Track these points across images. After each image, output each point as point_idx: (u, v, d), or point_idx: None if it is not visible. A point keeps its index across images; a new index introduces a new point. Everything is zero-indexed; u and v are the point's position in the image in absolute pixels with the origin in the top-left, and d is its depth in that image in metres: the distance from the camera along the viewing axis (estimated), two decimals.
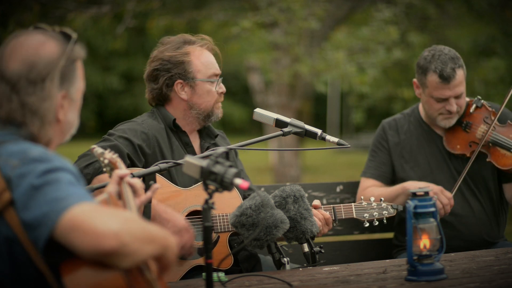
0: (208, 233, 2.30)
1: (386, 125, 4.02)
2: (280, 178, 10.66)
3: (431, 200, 2.62)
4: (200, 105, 3.37)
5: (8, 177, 1.89)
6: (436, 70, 3.72)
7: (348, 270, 2.83)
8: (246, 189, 2.19)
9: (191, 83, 3.36)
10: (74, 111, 2.10)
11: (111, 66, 24.20)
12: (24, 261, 1.90)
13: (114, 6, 9.75)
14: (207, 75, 3.37)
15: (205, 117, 3.39)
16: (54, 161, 1.91)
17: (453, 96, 3.75)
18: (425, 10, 10.32)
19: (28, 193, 1.86)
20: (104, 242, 1.79)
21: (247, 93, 20.25)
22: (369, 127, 24.53)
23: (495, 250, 3.23)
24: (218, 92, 3.40)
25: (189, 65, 3.36)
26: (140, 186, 2.48)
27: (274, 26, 9.60)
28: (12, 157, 1.92)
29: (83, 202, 1.84)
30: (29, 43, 2.02)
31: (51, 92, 2.01)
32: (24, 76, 1.99)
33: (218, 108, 3.41)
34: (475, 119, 3.85)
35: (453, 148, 3.85)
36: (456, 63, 3.73)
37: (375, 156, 3.99)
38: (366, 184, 3.97)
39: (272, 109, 9.87)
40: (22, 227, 1.87)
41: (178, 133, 3.38)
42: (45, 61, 2.00)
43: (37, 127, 2.01)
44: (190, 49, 3.39)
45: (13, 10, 9.47)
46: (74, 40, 2.07)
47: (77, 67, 2.09)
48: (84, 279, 1.88)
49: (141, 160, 3.20)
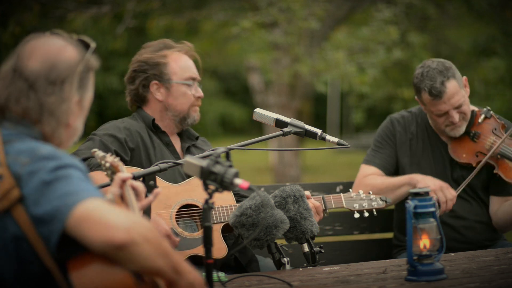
0: (208, 233, 2.30)
1: (395, 120, 3.97)
2: (280, 178, 10.66)
3: (431, 200, 2.62)
4: (176, 107, 3.44)
5: (18, 175, 1.92)
6: (425, 88, 3.69)
7: (348, 270, 2.83)
8: (246, 189, 2.20)
9: (166, 85, 3.44)
10: (81, 118, 2.14)
11: (111, 66, 24.20)
12: (30, 259, 1.92)
13: (114, 6, 9.76)
14: (183, 77, 3.44)
15: (181, 120, 3.46)
16: (64, 159, 1.94)
17: (452, 108, 3.71)
18: (425, 10, 10.32)
19: (40, 189, 1.89)
20: (115, 234, 1.82)
21: (247, 93, 20.26)
22: (369, 127, 24.53)
23: (495, 250, 3.23)
24: (195, 96, 3.46)
25: (165, 67, 3.43)
26: (143, 189, 2.49)
27: (274, 26, 9.61)
28: (22, 155, 1.94)
29: (95, 197, 1.87)
30: (50, 45, 2.06)
31: (70, 95, 2.05)
32: (44, 75, 2.02)
33: (195, 112, 3.48)
34: (484, 130, 3.81)
35: (459, 156, 3.81)
36: (445, 75, 3.68)
37: (381, 148, 3.94)
38: (367, 171, 3.90)
39: (272, 109, 9.87)
40: (31, 223, 1.89)
41: (158, 134, 3.44)
42: (65, 64, 2.04)
43: (52, 127, 2.04)
44: (168, 52, 3.47)
45: (13, 10, 9.48)
46: (92, 49, 2.12)
47: (91, 76, 2.14)
48: (92, 276, 1.89)
49: (127, 153, 3.27)
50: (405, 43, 9.89)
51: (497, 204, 3.84)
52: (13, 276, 1.93)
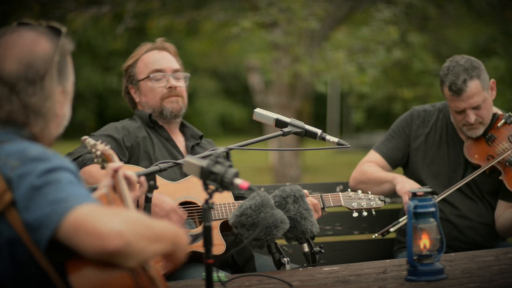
0: (208, 233, 2.30)
1: (415, 113, 3.98)
2: (280, 178, 10.66)
3: (431, 200, 2.62)
4: (148, 103, 3.49)
5: (9, 178, 1.88)
6: (447, 83, 3.69)
7: (348, 270, 2.83)
8: (246, 189, 2.19)
9: (137, 86, 3.52)
10: (68, 103, 2.09)
11: (111, 66, 24.18)
12: (27, 261, 1.90)
13: (114, 6, 9.76)
14: (147, 73, 3.48)
15: (159, 114, 3.48)
16: (54, 160, 1.89)
17: (469, 108, 3.70)
18: (425, 10, 10.33)
19: (29, 194, 1.84)
20: (108, 243, 1.78)
21: (247, 93, 20.25)
22: (369, 127, 24.54)
23: (495, 250, 3.23)
24: (166, 87, 3.47)
25: (133, 69, 3.52)
26: (135, 179, 2.47)
27: (274, 26, 9.61)
28: (11, 157, 1.90)
29: (85, 203, 1.83)
30: (21, 42, 1.99)
31: (52, 89, 2.00)
32: (22, 76, 1.96)
33: (169, 103, 3.47)
34: (500, 134, 3.79)
35: (471, 156, 3.80)
36: (470, 74, 3.66)
37: (393, 137, 3.96)
38: (371, 158, 3.94)
39: (272, 109, 9.87)
40: (24, 227, 1.86)
41: (156, 129, 3.46)
42: (41, 59, 1.98)
43: (41, 127, 2.00)
44: (138, 52, 3.54)
45: (13, 10, 9.48)
46: (64, 34, 2.04)
47: (68, 61, 2.07)
48: (90, 277, 1.87)
49: (125, 154, 3.29)
50: (405, 43, 9.89)
51: (503, 208, 3.82)
52: (10, 279, 1.91)
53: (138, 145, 3.34)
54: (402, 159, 3.94)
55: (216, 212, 3.20)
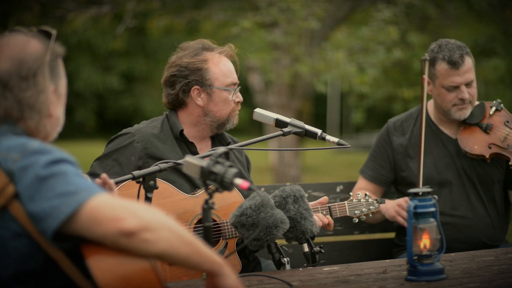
0: (208, 233, 2.30)
1: (391, 125, 4.00)
2: (280, 178, 10.65)
3: (431, 200, 2.62)
4: (216, 113, 3.37)
5: (10, 171, 1.92)
6: (445, 57, 3.73)
7: (348, 270, 2.83)
8: (246, 189, 2.20)
9: (208, 90, 3.36)
10: (61, 106, 2.14)
11: (111, 66, 24.19)
12: (31, 254, 1.93)
13: (114, 6, 9.77)
14: (225, 83, 3.37)
15: (219, 125, 3.39)
16: (55, 152, 1.94)
17: (464, 83, 3.74)
18: (425, 10, 10.32)
19: (34, 184, 1.88)
20: (123, 223, 1.84)
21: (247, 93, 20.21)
22: (369, 127, 24.53)
23: (495, 250, 3.23)
24: (235, 101, 3.40)
25: (207, 72, 3.35)
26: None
27: (274, 26, 9.60)
28: (11, 151, 1.94)
29: (96, 194, 1.88)
30: (13, 43, 2.06)
31: (44, 86, 2.05)
32: (15, 73, 2.02)
33: (234, 117, 3.41)
34: (496, 122, 3.82)
35: (471, 148, 3.81)
36: (463, 50, 3.75)
37: (375, 157, 3.99)
38: (360, 185, 4.00)
39: (272, 109, 9.88)
40: (28, 218, 1.89)
41: (185, 143, 3.38)
42: (33, 56, 2.04)
43: (35, 121, 2.05)
44: (208, 55, 3.38)
45: (13, 10, 9.48)
46: (54, 36, 2.10)
47: (60, 63, 2.13)
48: (109, 260, 1.90)
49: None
50: (405, 43, 9.88)
51: None
52: (11, 275, 1.93)
53: (152, 156, 3.27)
54: (390, 175, 3.96)
55: (231, 230, 3.18)
